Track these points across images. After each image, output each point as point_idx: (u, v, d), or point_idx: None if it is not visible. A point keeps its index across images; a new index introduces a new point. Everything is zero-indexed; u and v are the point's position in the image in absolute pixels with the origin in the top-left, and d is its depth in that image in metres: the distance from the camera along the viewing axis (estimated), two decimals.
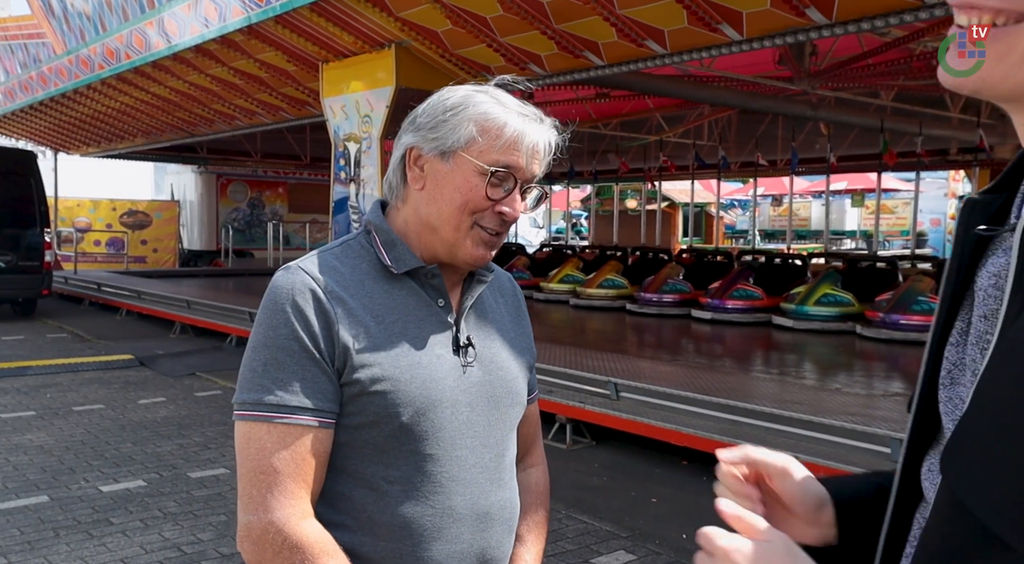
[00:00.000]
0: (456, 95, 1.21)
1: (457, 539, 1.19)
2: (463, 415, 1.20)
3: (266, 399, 1.12)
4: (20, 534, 3.95)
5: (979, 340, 0.68)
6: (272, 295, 1.16)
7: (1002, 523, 0.57)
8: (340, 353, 1.13)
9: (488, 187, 1.18)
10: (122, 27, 9.32)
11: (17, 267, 11.53)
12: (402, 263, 1.21)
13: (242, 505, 1.13)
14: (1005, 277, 0.65)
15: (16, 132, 16.36)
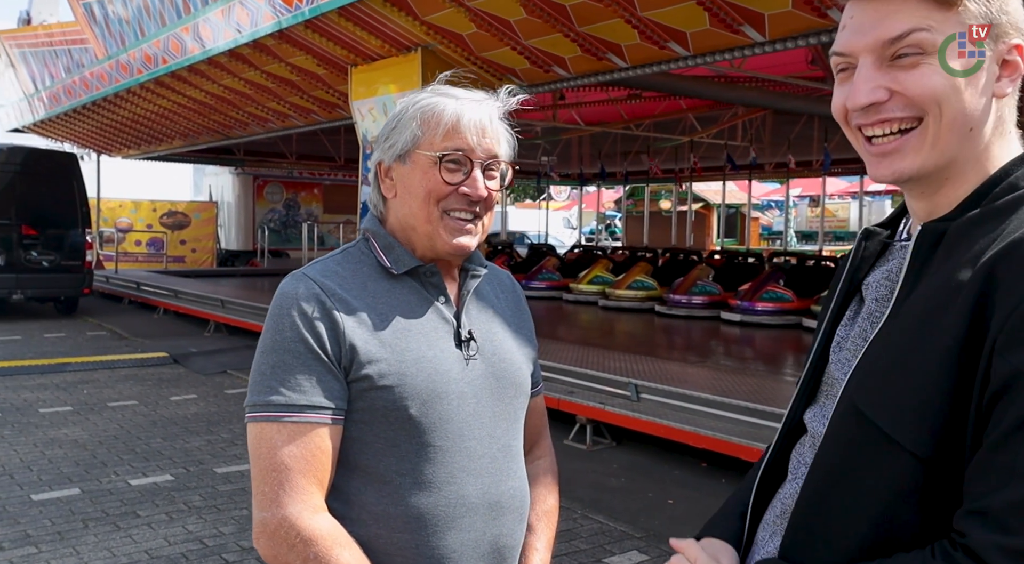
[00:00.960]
0: (401, 102, 1.29)
1: (470, 528, 1.23)
2: (469, 406, 1.25)
3: (275, 400, 1.17)
4: (51, 525, 4.10)
5: (870, 316, 0.96)
6: (278, 301, 1.22)
7: (897, 429, 0.83)
8: (347, 352, 1.19)
9: (443, 172, 1.23)
10: (160, 32, 9.55)
11: (60, 266, 11.87)
12: (401, 264, 1.27)
13: (256, 503, 1.17)
14: (895, 272, 0.95)
15: (61, 135, 16.81)
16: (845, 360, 0.96)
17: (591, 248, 16.73)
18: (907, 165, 0.91)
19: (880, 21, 0.90)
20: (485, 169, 1.26)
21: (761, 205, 31.89)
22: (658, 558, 3.90)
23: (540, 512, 1.40)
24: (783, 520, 0.97)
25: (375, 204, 1.32)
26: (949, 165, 0.91)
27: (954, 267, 0.85)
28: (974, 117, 0.89)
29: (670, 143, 15.82)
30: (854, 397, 0.88)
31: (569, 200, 34.56)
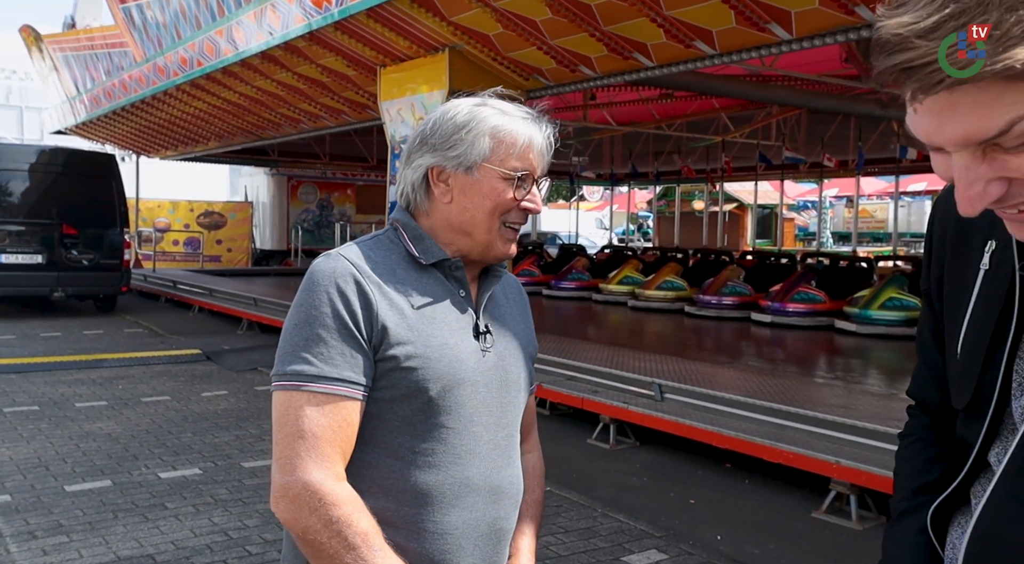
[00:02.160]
0: (461, 113, 1.33)
1: (472, 508, 1.30)
2: (480, 395, 1.32)
3: (308, 370, 1.21)
4: (83, 515, 4.21)
5: None
6: (314, 277, 1.27)
7: None
8: (379, 331, 1.25)
9: (513, 190, 1.33)
10: (195, 35, 9.73)
11: (99, 265, 12.14)
12: (430, 255, 1.33)
13: (279, 467, 1.21)
14: None
15: (101, 137, 17.19)
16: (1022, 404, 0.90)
17: (621, 249, 16.67)
18: None
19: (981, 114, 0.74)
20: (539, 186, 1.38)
21: (797, 206, 31.51)
22: (677, 557, 3.89)
23: (530, 501, 1.48)
24: None
25: (416, 201, 1.37)
26: None
27: None
28: None
29: (702, 143, 15.72)
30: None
31: (602, 200, 34.46)
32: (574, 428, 6.26)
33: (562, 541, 4.02)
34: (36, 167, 11.99)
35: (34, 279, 11.70)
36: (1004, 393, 0.93)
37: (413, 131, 1.38)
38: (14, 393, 7.00)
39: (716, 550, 4.00)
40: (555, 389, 6.39)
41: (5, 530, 3.97)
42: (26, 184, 11.94)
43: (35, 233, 11.78)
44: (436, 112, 1.37)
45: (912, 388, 1.18)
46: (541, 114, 1.39)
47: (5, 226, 11.59)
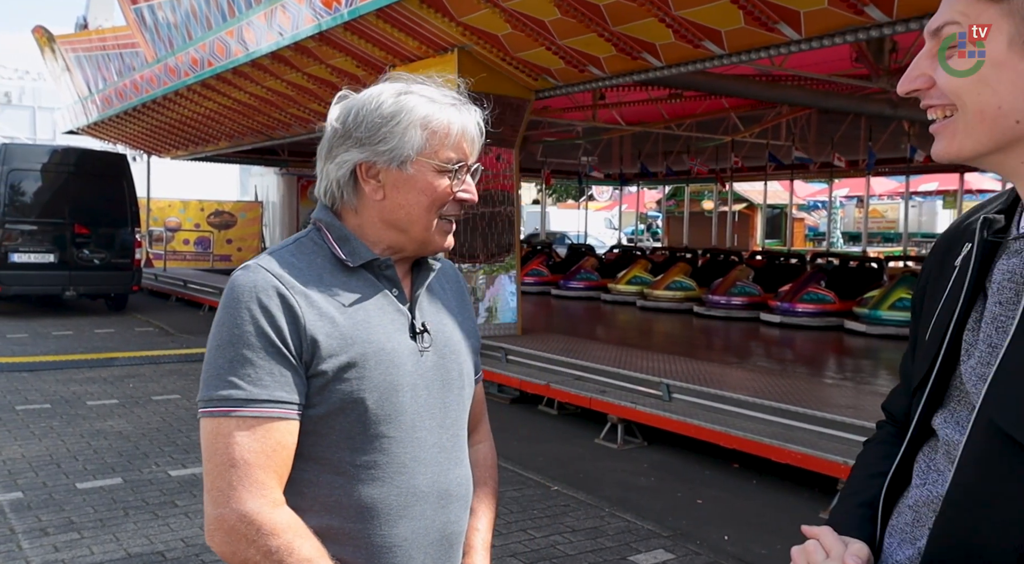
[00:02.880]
0: (386, 103, 1.24)
1: (421, 516, 1.25)
2: (422, 398, 1.26)
3: (234, 395, 1.14)
4: (94, 512, 4.24)
5: (994, 320, 0.90)
6: (234, 294, 1.19)
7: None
8: (308, 345, 1.17)
9: (448, 181, 1.26)
10: (205, 36, 9.79)
11: (110, 264, 12.23)
12: (357, 256, 1.26)
13: (211, 499, 1.14)
14: (1020, 274, 0.89)
15: (113, 136, 17.30)
16: (974, 369, 0.92)
17: (630, 248, 16.66)
18: (944, 148, 0.92)
19: (939, 10, 0.92)
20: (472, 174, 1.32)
21: (807, 206, 31.39)
22: (684, 557, 3.90)
23: (481, 495, 1.43)
24: (916, 528, 0.96)
25: (342, 198, 1.28)
26: (1009, 152, 0.90)
27: None
28: (1017, 109, 0.87)
29: (712, 143, 15.69)
30: (993, 415, 0.86)
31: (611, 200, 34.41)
32: (582, 428, 6.27)
33: (569, 540, 4.03)
34: (48, 167, 12.08)
35: (46, 278, 11.79)
36: (950, 361, 0.96)
37: (332, 120, 1.27)
38: (26, 391, 7.06)
39: (723, 550, 4.00)
40: (563, 389, 6.40)
41: (18, 527, 4.01)
42: (38, 184, 12.03)
43: (47, 232, 11.87)
44: (356, 101, 1.26)
45: (886, 401, 1.20)
46: (467, 98, 1.30)
47: (18, 225, 11.68)
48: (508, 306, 8.24)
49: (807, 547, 0.98)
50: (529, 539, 4.03)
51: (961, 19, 0.88)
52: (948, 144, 0.91)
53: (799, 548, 0.98)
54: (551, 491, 4.78)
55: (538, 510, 4.44)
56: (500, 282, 8.19)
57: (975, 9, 0.87)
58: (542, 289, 14.36)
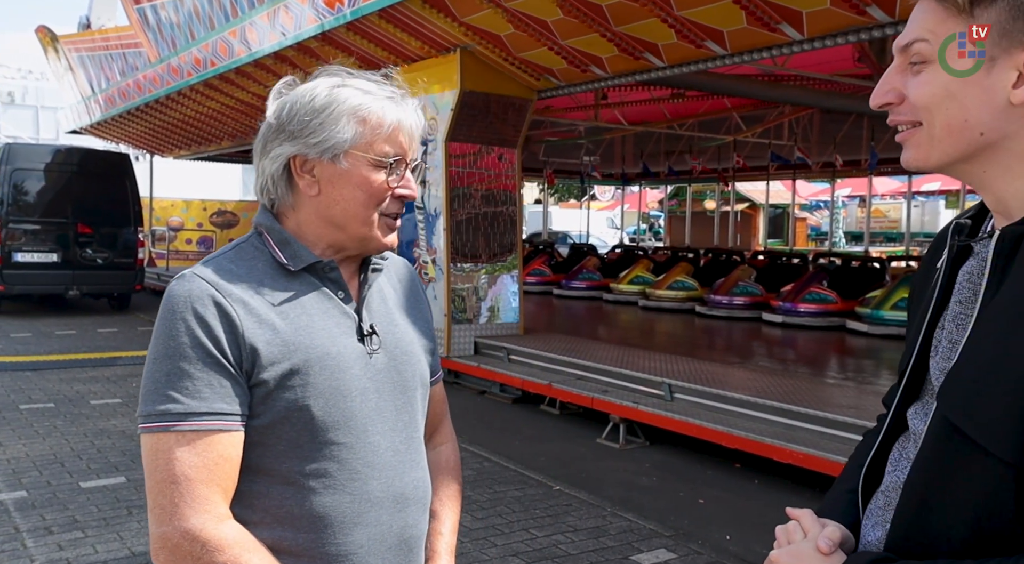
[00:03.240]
0: (319, 95, 1.21)
1: (376, 523, 1.22)
2: (372, 402, 1.23)
3: (172, 409, 1.11)
4: (97, 511, 4.26)
5: (955, 318, 0.97)
6: (169, 305, 1.15)
7: (984, 435, 0.85)
8: (248, 355, 1.14)
9: (385, 176, 1.22)
10: (208, 36, 9.81)
11: (113, 264, 12.26)
12: (299, 260, 1.23)
13: (154, 517, 1.11)
14: (977, 274, 0.96)
15: (116, 136, 17.33)
16: (938, 365, 0.99)
17: (632, 248, 16.66)
18: (911, 158, 0.97)
19: (907, 26, 0.95)
20: (413, 170, 1.28)
21: (809, 205, 31.38)
22: (686, 556, 3.91)
23: (444, 497, 1.42)
24: (886, 512, 1.01)
25: (278, 195, 1.25)
26: (974, 163, 0.94)
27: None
28: (982, 123, 0.91)
29: (714, 142, 15.69)
30: (942, 406, 0.91)
31: (613, 200, 34.42)
32: (584, 427, 6.28)
33: (571, 540, 4.04)
34: (51, 166, 12.11)
35: (49, 277, 11.82)
36: (924, 357, 1.03)
37: (268, 115, 1.24)
38: (30, 390, 7.08)
39: (725, 550, 4.01)
40: (565, 388, 6.41)
41: (22, 525, 4.03)
42: (41, 183, 12.05)
43: (50, 232, 11.89)
44: (291, 95, 1.23)
45: (885, 397, 1.25)
46: (406, 92, 1.26)
47: (21, 225, 11.71)
48: (510, 306, 8.26)
49: (788, 527, 1.05)
50: (531, 538, 4.04)
51: (930, 37, 0.92)
52: (916, 154, 0.96)
53: (781, 527, 1.05)
54: (553, 490, 4.79)
55: (540, 509, 4.45)
56: (502, 282, 8.20)
57: (942, 27, 0.91)
58: (544, 289, 14.36)
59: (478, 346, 7.90)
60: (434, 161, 7.87)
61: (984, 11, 0.89)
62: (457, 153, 7.82)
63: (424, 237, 8.11)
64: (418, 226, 8.20)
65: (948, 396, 0.92)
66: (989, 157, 0.93)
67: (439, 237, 7.85)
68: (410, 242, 8.32)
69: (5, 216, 11.57)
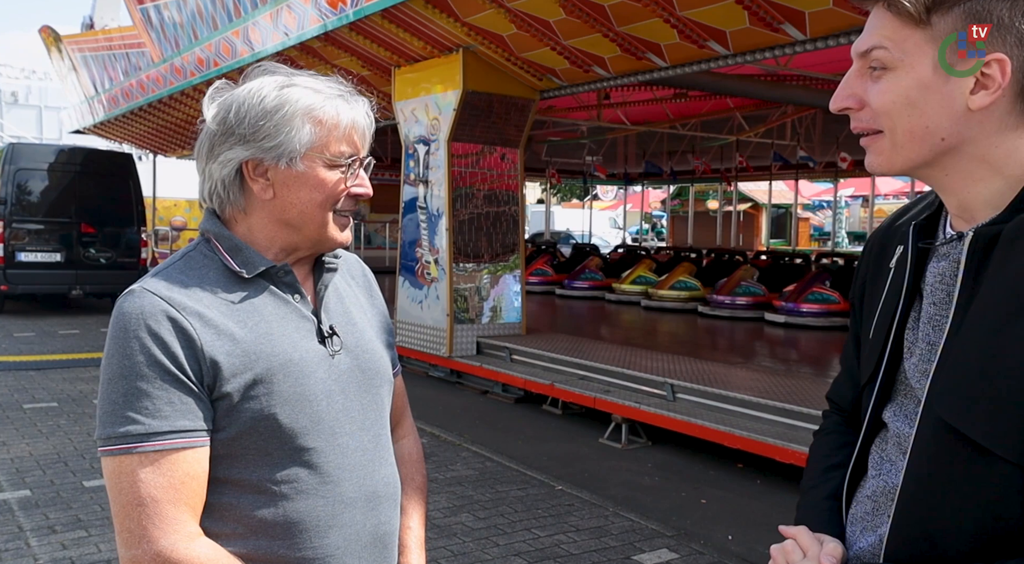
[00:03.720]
0: (269, 97, 1.18)
1: (351, 523, 1.22)
2: (338, 404, 1.22)
3: (133, 430, 1.09)
4: (101, 510, 4.27)
5: (931, 320, 0.98)
6: (121, 323, 1.13)
7: (987, 438, 0.86)
8: (208, 368, 1.12)
9: (341, 176, 1.21)
10: (211, 36, 9.82)
11: (116, 263, 12.28)
12: (251, 266, 1.20)
13: (123, 541, 1.10)
14: (949, 275, 0.96)
15: (119, 136, 17.35)
16: (916, 366, 0.99)
17: (635, 248, 16.66)
18: (875, 162, 0.99)
19: (865, 32, 0.97)
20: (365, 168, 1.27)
21: (812, 205, 31.35)
22: (688, 556, 3.91)
23: (410, 491, 1.42)
24: (876, 517, 1.00)
25: (229, 199, 1.22)
26: (936, 167, 0.96)
27: (1018, 270, 0.88)
28: (942, 128, 0.93)
29: (717, 143, 15.68)
30: (939, 410, 0.91)
31: (616, 200, 34.41)
32: (586, 427, 6.28)
33: (573, 540, 4.05)
34: (55, 166, 12.13)
35: (53, 277, 11.84)
36: (895, 358, 1.03)
37: (210, 119, 1.20)
38: (33, 390, 7.10)
39: (727, 550, 4.01)
40: (567, 388, 6.41)
41: (25, 524, 4.04)
42: (45, 183, 12.08)
43: (54, 232, 11.92)
44: (235, 96, 1.20)
45: (830, 391, 1.26)
46: (354, 88, 1.26)
47: (24, 225, 11.73)
48: (512, 306, 8.26)
49: (785, 547, 1.03)
50: (533, 538, 4.04)
51: (888, 44, 0.94)
52: (879, 160, 0.98)
53: (778, 547, 1.04)
54: (555, 490, 4.79)
55: (542, 509, 4.46)
56: (504, 282, 8.21)
57: (901, 34, 0.93)
58: (546, 289, 14.36)
59: (480, 346, 7.91)
60: (437, 161, 7.88)
61: (940, 19, 0.91)
62: (460, 153, 7.83)
63: (427, 237, 8.12)
64: (421, 226, 8.21)
65: (942, 397, 0.91)
66: (950, 161, 0.95)
67: (441, 237, 7.86)
68: (413, 242, 8.33)
69: (9, 216, 11.59)
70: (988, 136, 0.93)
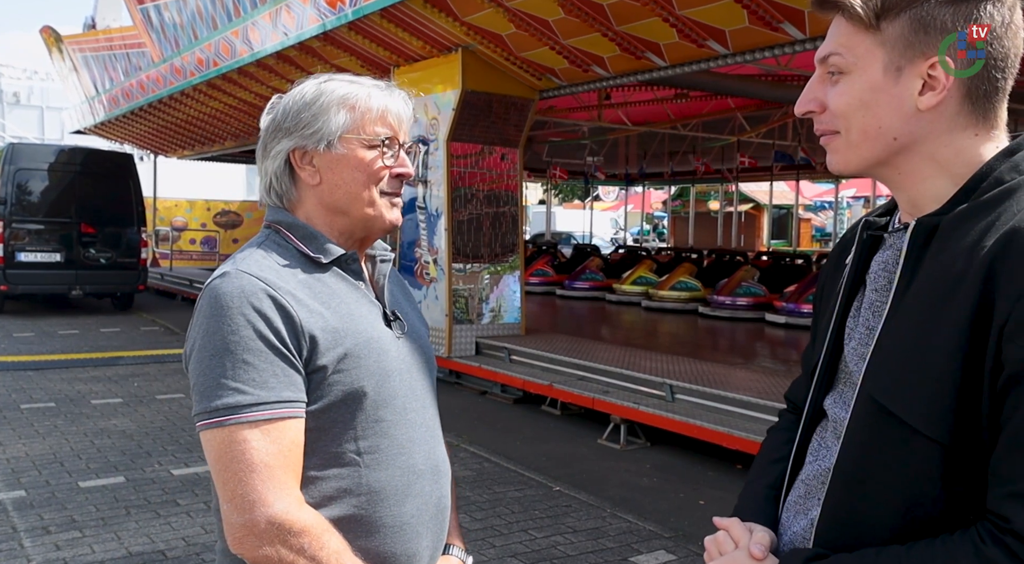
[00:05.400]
0: (309, 90, 1.29)
1: (421, 493, 1.31)
2: (407, 382, 1.32)
3: (244, 400, 1.15)
4: (96, 511, 4.25)
5: (871, 306, 1.02)
6: (221, 302, 1.19)
7: (913, 416, 0.89)
8: (307, 343, 1.20)
9: (380, 156, 1.29)
10: (211, 36, 9.81)
11: (116, 263, 12.28)
12: (327, 253, 1.29)
13: (234, 507, 1.14)
14: (892, 263, 1.01)
15: (120, 136, 17.36)
16: (855, 351, 1.02)
17: (635, 249, 16.63)
18: (835, 161, 1.03)
19: (825, 40, 1.02)
20: (408, 152, 1.34)
21: (814, 206, 31.31)
22: (686, 558, 3.88)
23: None
24: (807, 500, 1.04)
25: (282, 192, 1.32)
26: (890, 166, 1.00)
27: (951, 258, 0.91)
28: (894, 128, 0.97)
29: (718, 143, 15.66)
30: (870, 389, 0.95)
31: (617, 200, 34.38)
32: (585, 428, 6.26)
33: (570, 541, 4.02)
34: (55, 166, 12.13)
35: (52, 277, 11.84)
36: (837, 347, 1.07)
37: (265, 123, 1.32)
38: (31, 390, 7.08)
39: None
40: (566, 389, 6.39)
41: (20, 525, 4.02)
42: (45, 183, 12.08)
43: (54, 232, 11.92)
44: (284, 99, 1.32)
45: (788, 391, 1.30)
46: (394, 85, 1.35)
47: (24, 225, 11.73)
48: (512, 306, 8.24)
49: (717, 537, 1.06)
50: (530, 539, 4.02)
51: (842, 51, 0.99)
52: (836, 159, 1.03)
53: (711, 538, 1.08)
54: (553, 491, 4.77)
55: (539, 510, 4.44)
56: (504, 282, 8.19)
57: (853, 40, 0.98)
58: (547, 289, 14.34)
59: (479, 346, 7.89)
60: (436, 161, 7.86)
61: (889, 25, 0.96)
62: (459, 153, 7.81)
63: (426, 237, 8.10)
64: (420, 226, 8.19)
65: (875, 378, 0.95)
66: (903, 160, 1.00)
67: (440, 237, 7.84)
68: (412, 242, 8.31)
69: (9, 216, 11.59)
70: (938, 136, 0.97)
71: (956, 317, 0.87)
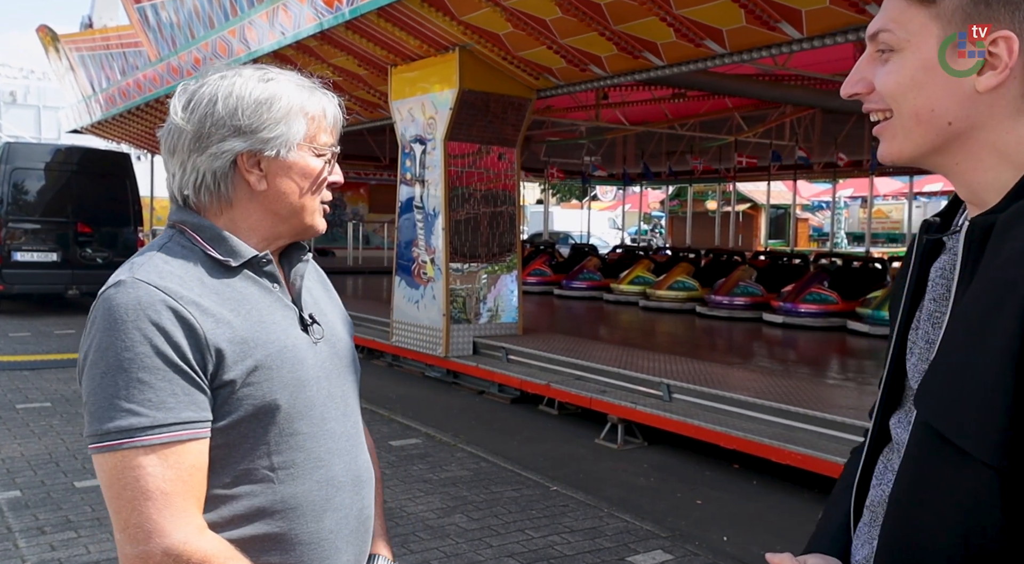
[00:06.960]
0: (255, 88, 1.20)
1: (341, 506, 1.25)
2: (324, 390, 1.25)
3: (138, 423, 1.07)
4: (91, 511, 4.24)
5: (930, 317, 0.94)
6: (116, 314, 1.10)
7: (964, 439, 0.81)
8: (212, 356, 1.12)
9: (326, 165, 1.27)
10: (208, 35, 9.79)
11: (113, 263, 12.21)
12: (237, 255, 1.21)
13: (128, 537, 1.06)
14: (949, 269, 0.93)
15: (117, 136, 17.32)
16: (915, 366, 0.95)
17: (633, 249, 16.63)
18: (886, 150, 0.95)
19: (876, 16, 0.95)
20: None
21: (811, 206, 31.35)
22: (683, 558, 3.88)
23: None
24: (872, 528, 0.98)
25: (217, 192, 1.22)
26: (946, 154, 0.92)
27: (1005, 263, 0.82)
28: (949, 112, 0.89)
29: (715, 143, 15.66)
30: (920, 409, 0.88)
31: (615, 200, 34.40)
32: (582, 428, 6.25)
33: (567, 541, 4.02)
34: (52, 166, 12.10)
35: (49, 277, 11.81)
36: (901, 361, 0.99)
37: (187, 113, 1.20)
38: (27, 390, 7.07)
39: (722, 551, 3.98)
40: (563, 389, 6.38)
41: (15, 525, 4.01)
42: (42, 183, 12.05)
43: (50, 231, 11.89)
44: (212, 90, 1.20)
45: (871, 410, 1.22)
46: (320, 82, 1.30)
47: (21, 224, 11.71)
48: (510, 306, 8.23)
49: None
50: (527, 539, 4.01)
51: (893, 26, 0.91)
52: (890, 146, 0.95)
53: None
54: (550, 491, 4.76)
55: (536, 510, 4.43)
56: (502, 282, 8.18)
57: (906, 15, 0.91)
58: (545, 289, 14.33)
59: (477, 346, 7.88)
60: (433, 160, 7.85)
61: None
62: (456, 153, 7.80)
63: (423, 237, 8.09)
64: (417, 225, 8.18)
65: (926, 399, 0.87)
66: (960, 147, 0.91)
67: (438, 237, 7.83)
68: (409, 242, 8.30)
69: (5, 215, 11.56)
70: (1000, 121, 0.88)
71: (1005, 327, 0.78)
